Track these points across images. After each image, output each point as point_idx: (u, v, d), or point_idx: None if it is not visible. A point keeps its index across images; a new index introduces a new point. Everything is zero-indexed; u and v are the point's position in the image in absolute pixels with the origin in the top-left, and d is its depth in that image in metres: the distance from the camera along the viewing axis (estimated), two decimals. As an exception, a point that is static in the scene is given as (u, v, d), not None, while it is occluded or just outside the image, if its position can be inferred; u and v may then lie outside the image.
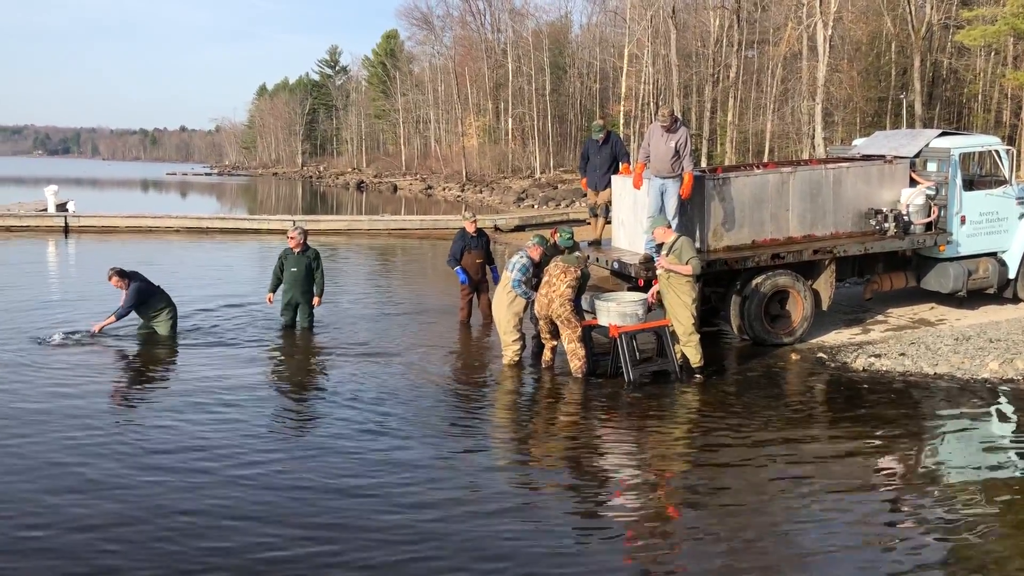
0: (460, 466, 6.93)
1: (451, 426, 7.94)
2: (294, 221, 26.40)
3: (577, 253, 9.68)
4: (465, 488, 6.42)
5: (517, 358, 9.91)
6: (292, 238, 11.50)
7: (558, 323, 9.32)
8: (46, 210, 28.76)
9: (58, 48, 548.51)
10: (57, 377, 9.26)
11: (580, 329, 9.30)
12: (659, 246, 9.64)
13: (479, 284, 12.17)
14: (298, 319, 11.62)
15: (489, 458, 7.24)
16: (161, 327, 11.18)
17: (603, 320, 9.41)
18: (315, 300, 11.61)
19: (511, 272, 9.69)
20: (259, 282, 15.25)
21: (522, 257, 9.75)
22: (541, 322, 9.58)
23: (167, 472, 6.61)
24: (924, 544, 5.63)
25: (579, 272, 9.33)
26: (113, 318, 10.99)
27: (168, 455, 6.98)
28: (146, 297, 11.09)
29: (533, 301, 9.62)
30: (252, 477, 6.55)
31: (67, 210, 28.70)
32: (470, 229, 12.09)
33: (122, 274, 11.03)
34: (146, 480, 6.46)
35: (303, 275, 11.45)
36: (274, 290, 11.67)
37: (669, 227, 9.66)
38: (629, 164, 11.96)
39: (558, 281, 9.25)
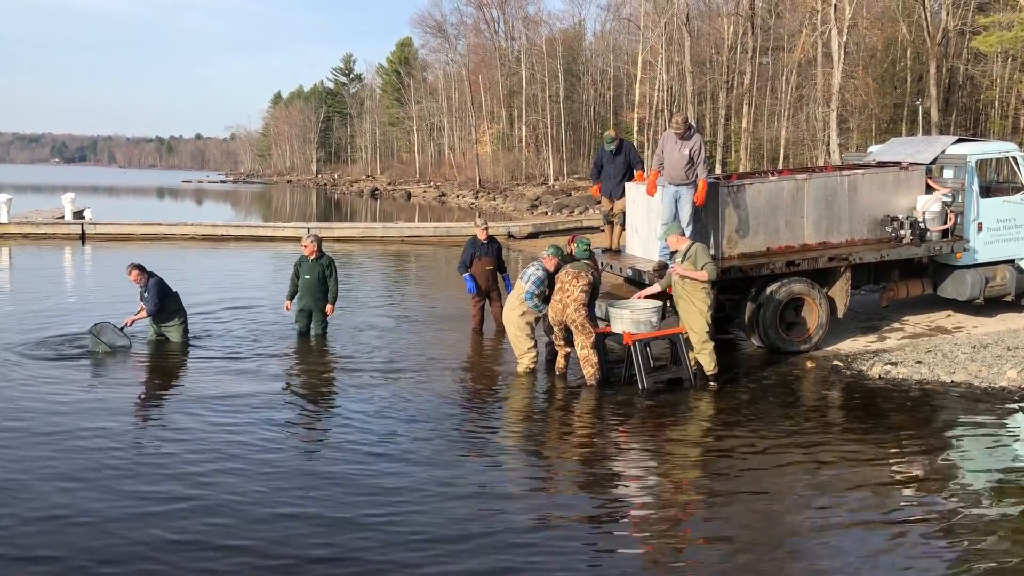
0: (470, 487, 6.70)
1: (462, 440, 7.80)
2: (308, 228, 26.52)
3: (586, 261, 9.61)
4: (476, 511, 6.17)
5: (533, 365, 9.88)
6: (306, 246, 11.53)
7: (572, 328, 9.29)
8: (63, 217, 29.00)
9: (75, 57, 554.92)
10: (61, 386, 9.26)
11: (593, 335, 9.27)
12: (673, 253, 9.62)
13: (490, 291, 12.15)
14: (312, 326, 11.65)
15: (501, 476, 6.99)
16: (173, 333, 11.21)
17: (617, 328, 9.37)
18: (328, 308, 11.64)
19: (525, 284, 9.64)
20: (273, 289, 15.34)
21: (537, 269, 9.68)
22: (556, 328, 9.56)
23: (155, 499, 6.25)
24: (941, 552, 5.57)
25: (590, 277, 9.31)
26: (143, 312, 11.07)
27: (159, 478, 6.66)
28: (164, 295, 11.14)
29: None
30: (247, 504, 6.18)
31: (84, 217, 28.92)
32: (481, 236, 12.07)
33: (142, 269, 11.09)
34: (131, 505, 6.16)
35: (316, 282, 11.46)
36: (291, 297, 11.69)
37: (683, 234, 9.64)
38: (643, 171, 11.94)
39: (571, 287, 9.23)
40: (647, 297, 9.91)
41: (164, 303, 11.14)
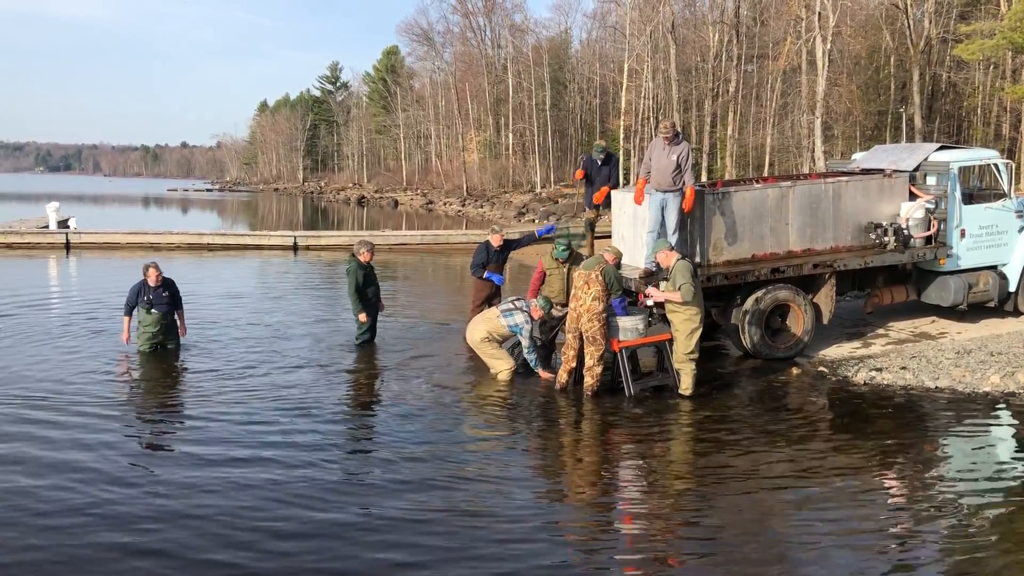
0: (457, 491, 6.79)
1: (442, 450, 7.82)
2: (295, 238, 26.48)
3: (603, 253, 9.56)
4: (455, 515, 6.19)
5: (512, 372, 9.98)
6: (365, 254, 11.72)
7: (584, 337, 9.17)
8: (47, 227, 28.84)
9: (60, 66, 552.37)
10: (53, 401, 9.23)
11: (604, 348, 9.13)
12: (659, 268, 9.64)
13: (491, 299, 12.05)
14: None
15: (485, 482, 6.94)
16: (173, 342, 11.24)
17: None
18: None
19: (516, 330, 9.86)
20: (258, 299, 15.24)
21: (527, 323, 9.83)
22: (569, 336, 9.42)
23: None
24: (927, 559, 5.61)
25: (601, 277, 9.02)
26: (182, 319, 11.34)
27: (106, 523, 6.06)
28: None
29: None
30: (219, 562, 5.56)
31: (68, 227, 28.76)
32: (495, 242, 11.95)
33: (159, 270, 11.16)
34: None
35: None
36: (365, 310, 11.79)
37: (671, 250, 9.53)
38: (618, 188, 12.14)
39: (583, 294, 9.08)
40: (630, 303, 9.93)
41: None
